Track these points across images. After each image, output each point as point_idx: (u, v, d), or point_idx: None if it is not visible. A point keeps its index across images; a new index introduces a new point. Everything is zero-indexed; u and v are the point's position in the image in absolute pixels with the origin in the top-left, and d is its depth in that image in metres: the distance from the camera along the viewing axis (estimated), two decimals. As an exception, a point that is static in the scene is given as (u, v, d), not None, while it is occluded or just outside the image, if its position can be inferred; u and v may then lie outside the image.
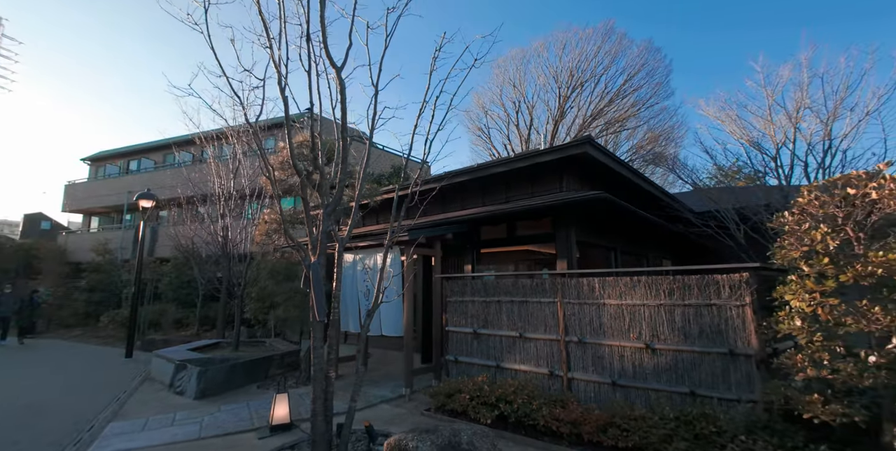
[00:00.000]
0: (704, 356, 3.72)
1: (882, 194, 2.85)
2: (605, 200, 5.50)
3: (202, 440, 4.46)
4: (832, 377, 2.71)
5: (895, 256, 2.66)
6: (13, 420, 5.02)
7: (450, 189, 7.52)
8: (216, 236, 10.23)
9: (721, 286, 3.70)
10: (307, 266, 4.33)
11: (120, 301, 15.81)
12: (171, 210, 13.92)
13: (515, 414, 4.27)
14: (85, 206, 23.65)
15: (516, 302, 5.13)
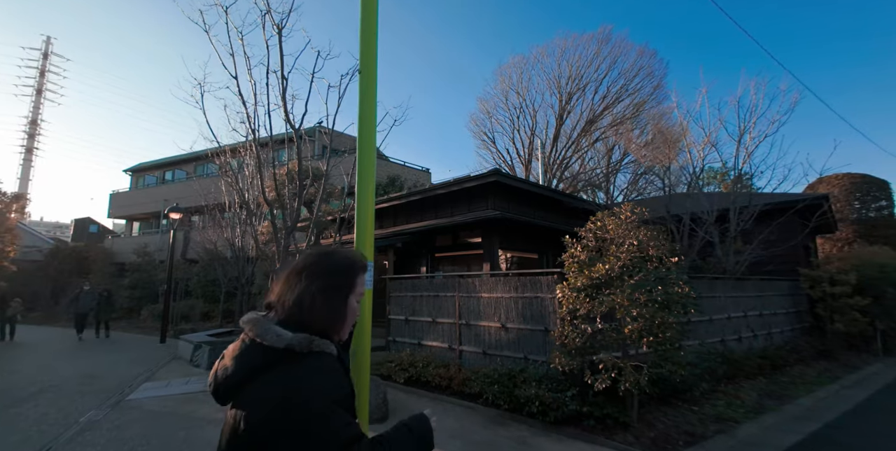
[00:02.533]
0: (532, 332, 5.36)
1: (606, 226, 4.45)
2: (503, 218, 7.16)
3: (204, 392, 6.38)
4: (567, 341, 4.34)
5: (604, 266, 4.25)
6: (79, 382, 7.15)
7: (408, 206, 9.31)
8: (231, 241, 12.35)
9: (542, 284, 5.32)
10: (273, 272, 6.23)
11: (157, 297, 18.35)
12: (204, 215, 16.11)
13: (418, 375, 6.03)
14: (127, 212, 26.69)
15: (432, 296, 6.86)
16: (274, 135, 6.50)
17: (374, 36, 2.06)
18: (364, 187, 2.03)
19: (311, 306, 1.03)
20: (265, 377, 0.96)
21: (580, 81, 26.21)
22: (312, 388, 0.93)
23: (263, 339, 0.98)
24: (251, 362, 0.99)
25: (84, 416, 5.10)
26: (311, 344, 0.98)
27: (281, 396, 0.91)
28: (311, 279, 1.05)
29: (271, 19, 5.63)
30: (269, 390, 0.93)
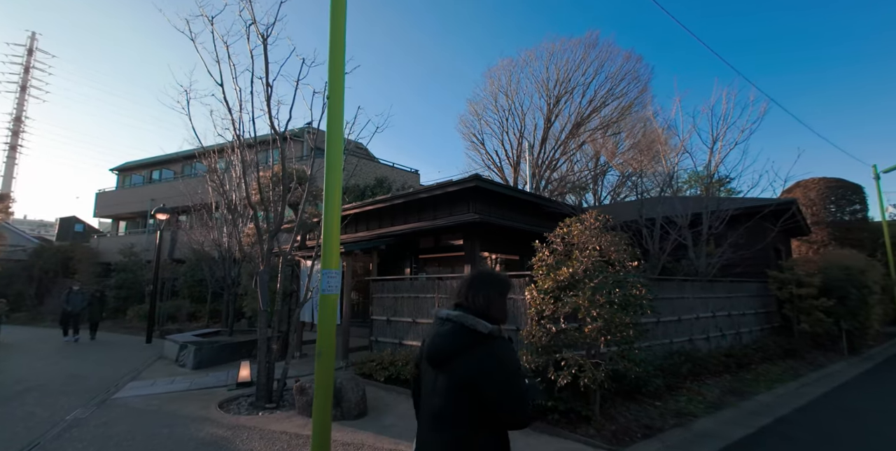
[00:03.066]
0: (505, 331, 5.61)
1: (572, 232, 4.71)
2: (483, 222, 7.42)
3: (189, 391, 6.58)
4: (535, 340, 4.60)
5: (568, 270, 4.52)
6: (64, 381, 7.25)
7: (391, 209, 9.52)
8: (217, 242, 12.45)
9: (515, 286, 5.56)
10: (257, 273, 6.40)
11: (143, 297, 18.30)
12: (191, 215, 16.09)
13: (397, 373, 6.26)
14: (113, 212, 26.50)
15: (413, 297, 7.09)
16: (260, 136, 6.65)
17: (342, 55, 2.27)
18: (331, 207, 2.25)
19: (493, 304, 1.63)
20: (478, 349, 1.50)
21: (568, 85, 26.60)
22: (510, 356, 1.52)
23: (474, 327, 1.51)
24: (463, 340, 1.52)
25: (70, 414, 5.25)
26: (500, 332, 1.55)
27: (497, 360, 1.48)
28: (492, 287, 1.66)
29: (256, 29, 5.80)
30: (487, 357, 1.48)
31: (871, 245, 17.07)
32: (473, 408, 1.48)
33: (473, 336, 1.51)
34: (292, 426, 4.79)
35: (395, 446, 4.17)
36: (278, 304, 6.58)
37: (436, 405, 1.55)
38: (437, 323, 1.64)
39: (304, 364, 8.28)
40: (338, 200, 2.28)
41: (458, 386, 1.49)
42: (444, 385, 1.53)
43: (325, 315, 2.19)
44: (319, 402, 2.15)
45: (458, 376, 1.49)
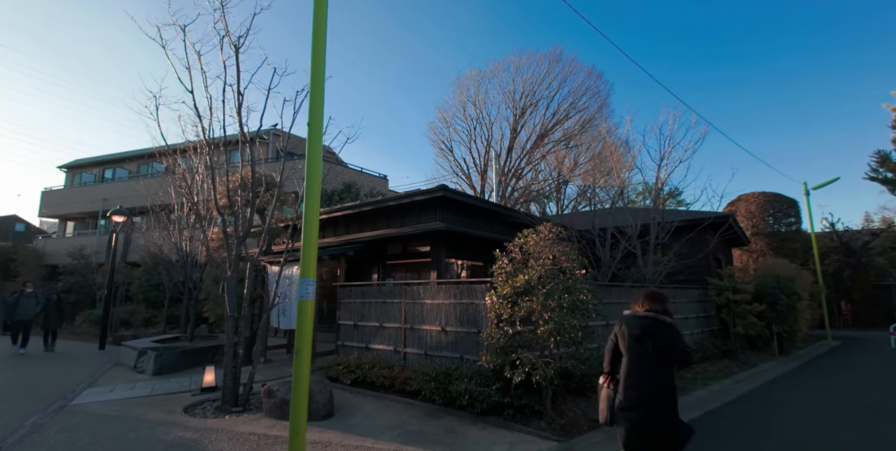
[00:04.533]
0: (468, 335, 5.99)
1: (529, 242, 5.16)
2: (447, 230, 7.80)
3: (152, 396, 6.55)
4: (493, 342, 4.99)
5: (524, 277, 4.94)
6: (16, 388, 7.01)
7: (360, 215, 9.74)
8: (178, 245, 12.19)
9: (477, 291, 5.97)
10: (223, 278, 6.48)
11: (94, 302, 17.51)
12: (149, 216, 15.53)
13: (364, 376, 6.50)
14: (61, 211, 25.11)
15: (380, 302, 7.36)
16: (228, 135, 6.72)
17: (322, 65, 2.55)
18: (310, 218, 2.54)
19: (666, 308, 2.97)
20: (666, 329, 2.88)
21: (533, 97, 27.65)
22: (680, 333, 2.97)
23: (663, 319, 2.90)
24: (658, 325, 2.88)
25: (29, 420, 5.17)
26: (673, 321, 2.94)
27: (676, 334, 2.88)
28: (662, 298, 3.01)
29: (229, 40, 5.96)
30: (672, 333, 2.88)
31: (804, 255, 18.73)
32: (665, 359, 2.87)
33: (663, 323, 2.89)
34: (260, 428, 4.95)
35: (362, 442, 4.43)
36: (245, 309, 6.67)
37: (647, 360, 2.90)
38: (636, 318, 2.98)
39: (270, 369, 8.34)
40: (316, 216, 2.56)
41: (660, 348, 2.84)
42: (651, 349, 2.86)
43: (303, 317, 2.47)
44: (297, 394, 2.41)
45: (660, 343, 2.84)
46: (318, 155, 2.54)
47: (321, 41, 2.60)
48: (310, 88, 2.52)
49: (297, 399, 2.44)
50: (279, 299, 6.75)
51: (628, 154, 11.15)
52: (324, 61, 2.59)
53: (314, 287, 2.56)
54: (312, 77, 2.52)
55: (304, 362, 2.51)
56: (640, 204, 18.69)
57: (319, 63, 2.61)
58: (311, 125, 2.52)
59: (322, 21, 2.44)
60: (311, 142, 2.52)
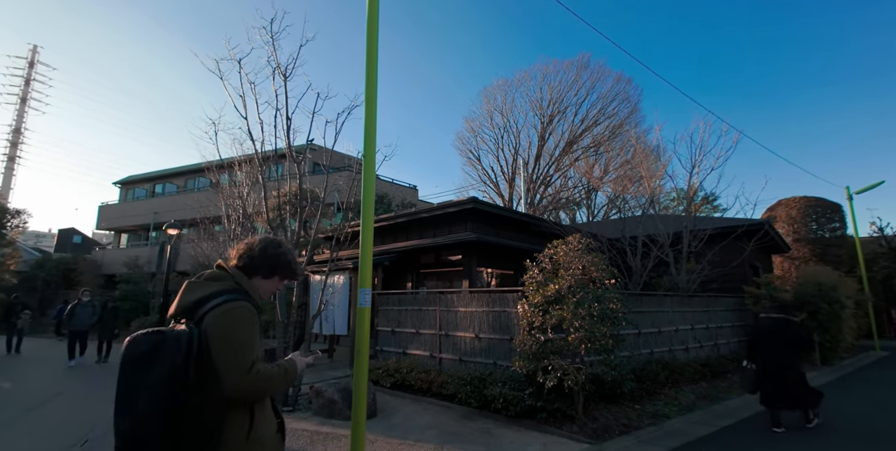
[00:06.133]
0: (500, 341, 6.28)
1: (559, 252, 5.44)
2: (479, 241, 8.14)
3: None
4: (526, 348, 5.27)
5: (554, 287, 5.22)
6: (90, 390, 7.77)
7: (394, 227, 10.23)
8: (225, 255, 13.01)
9: (509, 300, 6.26)
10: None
11: (148, 309, 18.74)
12: (197, 228, 16.59)
13: (402, 380, 6.88)
14: (116, 224, 26.99)
15: (416, 310, 7.75)
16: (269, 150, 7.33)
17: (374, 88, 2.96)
18: (366, 230, 2.94)
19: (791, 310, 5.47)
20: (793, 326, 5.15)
21: (561, 104, 27.76)
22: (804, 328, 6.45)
23: (792, 318, 5.06)
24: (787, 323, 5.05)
25: (104, 419, 5.80)
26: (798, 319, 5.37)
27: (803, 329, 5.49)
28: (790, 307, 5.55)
29: (279, 70, 6.58)
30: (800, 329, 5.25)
31: (850, 261, 17.89)
32: (796, 349, 4.75)
33: (791, 322, 4.70)
34: (311, 425, 5.39)
35: (404, 441, 4.79)
36: (294, 315, 7.20)
37: (780, 350, 4.85)
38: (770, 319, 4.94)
39: (313, 372, 8.84)
40: (370, 233, 2.97)
41: (790, 340, 4.71)
42: (782, 341, 4.76)
43: (362, 322, 2.88)
44: (358, 390, 2.80)
45: (791, 337, 4.76)
46: (371, 181, 2.96)
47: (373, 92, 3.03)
48: (364, 128, 2.95)
49: (357, 394, 2.83)
50: (324, 306, 7.25)
51: (658, 162, 11.22)
52: (375, 106, 3.01)
53: (370, 296, 2.97)
54: (366, 121, 2.95)
55: (363, 360, 2.91)
56: (672, 211, 18.45)
57: (372, 108, 3.04)
58: (365, 156, 2.95)
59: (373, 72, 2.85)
60: (366, 171, 2.94)
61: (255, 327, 1.51)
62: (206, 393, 1.30)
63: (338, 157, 9.63)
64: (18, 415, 5.79)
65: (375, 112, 2.79)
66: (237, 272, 1.62)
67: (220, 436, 1.33)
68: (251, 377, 1.40)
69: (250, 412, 1.47)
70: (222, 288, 1.51)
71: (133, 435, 1.27)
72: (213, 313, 1.43)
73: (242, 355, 1.40)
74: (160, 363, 1.30)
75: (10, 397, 7.04)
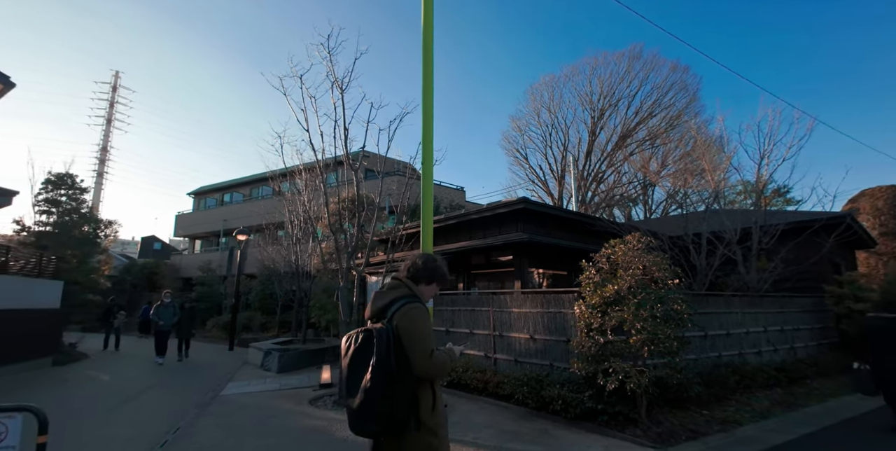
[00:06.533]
0: (556, 343, 6.23)
1: (616, 252, 5.34)
2: (530, 241, 8.11)
3: (281, 390, 7.66)
4: (584, 350, 5.21)
5: (613, 287, 5.13)
6: (177, 380, 8.59)
7: (444, 228, 10.40)
8: (289, 258, 13.83)
9: (564, 301, 6.20)
10: (337, 288, 7.44)
11: (220, 309, 20.27)
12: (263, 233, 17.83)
13: (458, 379, 7.02)
14: (191, 231, 29.40)
15: (469, 310, 7.86)
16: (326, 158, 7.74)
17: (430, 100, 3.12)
18: (426, 232, 3.10)
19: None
20: None
21: (612, 97, 26.82)
22: None
23: None
24: None
25: (193, 407, 6.41)
26: None
27: None
28: None
29: (337, 85, 6.95)
30: None
31: (952, 256, 15.88)
32: None
33: None
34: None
35: (462, 438, 4.90)
36: (355, 315, 7.56)
37: None
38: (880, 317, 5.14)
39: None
40: (430, 236, 3.13)
41: None
42: None
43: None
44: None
45: None
46: (430, 188, 3.12)
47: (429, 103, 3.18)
48: (422, 142, 3.12)
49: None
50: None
51: (722, 153, 10.58)
52: (431, 117, 3.16)
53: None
54: (424, 136, 3.11)
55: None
56: (739, 205, 17.27)
57: (429, 118, 3.19)
58: (424, 164, 3.11)
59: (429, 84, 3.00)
60: (425, 178, 3.10)
61: (429, 322, 2.00)
62: (404, 373, 1.79)
63: (389, 162, 9.97)
64: (118, 405, 6.52)
65: (432, 122, 2.94)
66: (408, 282, 2.11)
67: (417, 404, 1.83)
68: (431, 361, 1.85)
69: (432, 388, 1.92)
70: (400, 294, 2.01)
71: (361, 402, 1.76)
72: (398, 313, 1.91)
73: (424, 344, 1.86)
74: (371, 352, 1.79)
75: (111, 388, 7.93)
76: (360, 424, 1.80)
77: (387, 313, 1.94)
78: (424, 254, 2.27)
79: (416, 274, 2.13)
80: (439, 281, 2.21)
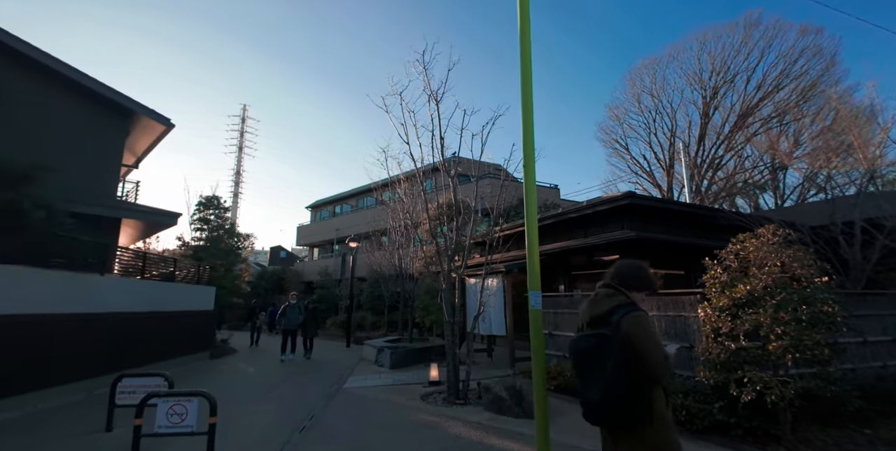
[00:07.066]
0: (678, 349, 5.71)
1: (747, 248, 4.76)
2: (638, 239, 7.56)
3: (394, 385, 8.18)
4: (712, 357, 4.72)
5: (745, 287, 4.58)
6: (306, 372, 9.65)
7: (541, 229, 10.17)
8: (393, 262, 14.73)
9: (685, 303, 5.66)
10: (441, 290, 7.73)
11: (337, 309, 22.28)
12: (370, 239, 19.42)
13: (566, 383, 6.82)
14: (309, 241, 32.83)
15: (573, 313, 7.58)
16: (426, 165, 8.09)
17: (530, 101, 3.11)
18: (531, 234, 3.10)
19: None
20: None
21: (727, 73, 23.96)
22: None
23: None
24: None
25: (321, 398, 7.15)
26: None
27: None
28: None
29: (433, 97, 7.28)
30: None
31: None
32: None
33: None
34: (484, 419, 5.75)
35: (578, 443, 4.76)
36: (457, 316, 7.78)
37: None
38: None
39: (477, 370, 9.33)
40: (535, 237, 3.14)
41: None
42: None
43: (535, 324, 3.05)
44: (538, 391, 2.96)
45: None
46: (532, 189, 3.12)
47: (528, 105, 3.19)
48: (522, 141, 3.14)
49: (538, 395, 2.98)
50: (483, 307, 7.67)
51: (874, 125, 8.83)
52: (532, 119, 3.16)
53: (541, 298, 3.14)
54: (524, 136, 3.13)
55: (540, 361, 3.06)
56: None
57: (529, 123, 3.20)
58: (525, 167, 3.12)
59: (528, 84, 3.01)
60: (527, 181, 3.11)
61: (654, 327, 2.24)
62: (634, 373, 1.93)
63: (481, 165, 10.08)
64: (264, 393, 7.55)
65: (532, 121, 2.93)
66: (623, 290, 2.22)
67: (651, 401, 1.98)
68: (663, 363, 2.01)
69: (662, 387, 2.08)
70: (621, 302, 2.11)
71: (597, 401, 1.96)
72: (626, 320, 2.01)
73: (658, 350, 2.00)
74: (604, 354, 1.96)
75: (256, 379, 9.19)
76: (598, 417, 2.03)
77: (608, 319, 2.04)
78: (632, 262, 2.38)
79: (628, 282, 2.22)
80: (649, 288, 2.30)
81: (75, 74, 9.98)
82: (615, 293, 2.17)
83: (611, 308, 2.06)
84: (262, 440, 4.97)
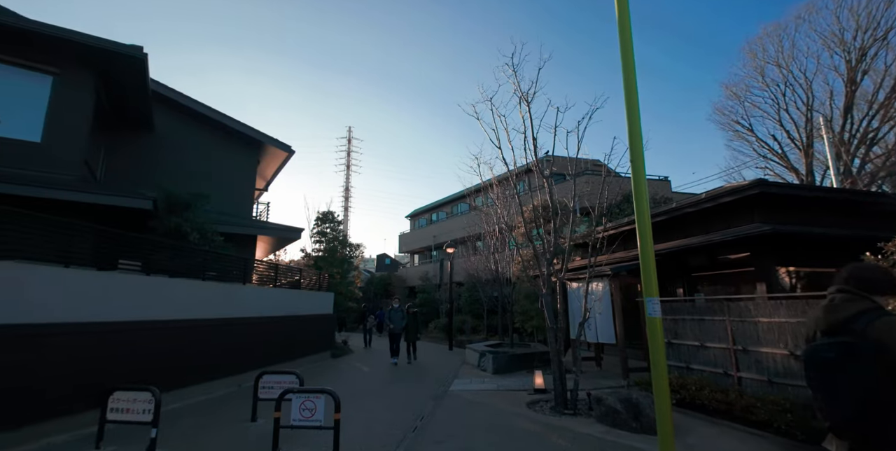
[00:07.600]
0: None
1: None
2: (775, 233, 6.54)
3: (498, 391, 8.15)
4: None
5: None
6: (414, 381, 10.09)
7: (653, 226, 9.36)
8: (490, 266, 14.75)
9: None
10: (541, 295, 7.55)
11: (438, 313, 22.95)
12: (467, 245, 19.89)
13: (690, 397, 6.14)
14: (410, 247, 34.44)
15: (696, 320, 6.82)
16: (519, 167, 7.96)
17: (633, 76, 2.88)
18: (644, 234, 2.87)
19: None
20: None
21: (876, 30, 19.91)
22: None
23: None
24: None
25: (430, 400, 7.40)
26: None
27: None
28: None
29: (523, 98, 7.19)
30: None
31: None
32: None
33: None
34: (596, 432, 5.43)
35: (708, 466, 4.26)
36: (561, 321, 7.50)
37: None
38: None
39: (585, 379, 8.86)
40: (650, 237, 2.90)
41: None
42: None
43: (654, 334, 2.81)
44: (661, 406, 2.70)
45: None
46: (642, 184, 2.90)
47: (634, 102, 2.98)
48: (629, 138, 2.94)
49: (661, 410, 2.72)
50: (588, 313, 7.28)
51: None
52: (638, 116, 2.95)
53: (658, 305, 2.89)
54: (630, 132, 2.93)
55: (662, 374, 2.81)
56: None
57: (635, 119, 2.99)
58: (633, 162, 2.92)
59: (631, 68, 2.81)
60: (635, 175, 2.90)
61: None
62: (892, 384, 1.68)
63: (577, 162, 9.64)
64: (377, 393, 8.05)
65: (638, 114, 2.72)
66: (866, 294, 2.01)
67: None
68: None
69: None
70: (866, 307, 1.88)
71: (845, 418, 1.72)
72: (877, 325, 1.78)
73: None
74: (854, 365, 1.74)
75: (370, 378, 9.86)
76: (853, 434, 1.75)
77: (850, 326, 1.84)
78: (868, 263, 2.18)
79: (869, 285, 2.00)
80: (893, 291, 2.05)
81: (219, 116, 12.21)
82: (856, 298, 1.92)
83: (853, 314, 1.82)
84: (380, 436, 5.30)
